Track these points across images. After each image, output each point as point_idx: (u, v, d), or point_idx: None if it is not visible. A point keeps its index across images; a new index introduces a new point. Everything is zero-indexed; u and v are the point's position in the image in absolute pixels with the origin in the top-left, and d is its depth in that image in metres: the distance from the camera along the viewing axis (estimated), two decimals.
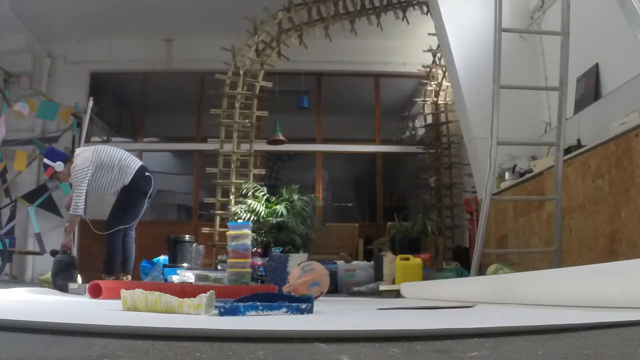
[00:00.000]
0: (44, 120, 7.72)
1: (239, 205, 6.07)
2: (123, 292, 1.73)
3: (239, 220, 6.05)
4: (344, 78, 8.87)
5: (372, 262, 5.40)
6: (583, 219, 3.57)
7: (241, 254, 3.89)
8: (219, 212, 6.33)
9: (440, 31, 6.18)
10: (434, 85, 7.88)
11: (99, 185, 4.26)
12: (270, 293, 1.97)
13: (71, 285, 3.61)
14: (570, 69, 3.66)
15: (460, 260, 5.77)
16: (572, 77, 4.35)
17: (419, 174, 8.15)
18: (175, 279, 4.24)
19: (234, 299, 1.69)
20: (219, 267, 5.64)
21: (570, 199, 3.71)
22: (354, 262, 5.69)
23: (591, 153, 3.52)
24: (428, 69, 7.82)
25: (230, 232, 3.97)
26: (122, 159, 4.29)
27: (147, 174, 4.34)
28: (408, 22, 6.97)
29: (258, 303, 1.55)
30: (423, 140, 8.22)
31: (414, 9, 6.90)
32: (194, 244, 5.69)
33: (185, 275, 4.27)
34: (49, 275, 4.11)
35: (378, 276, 4.90)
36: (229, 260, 3.94)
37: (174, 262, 5.34)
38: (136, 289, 1.71)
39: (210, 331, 1.04)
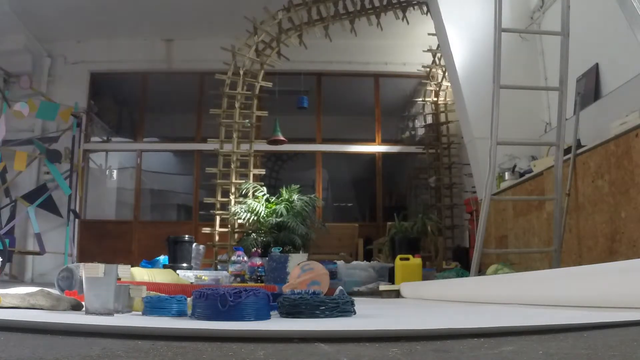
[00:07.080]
0: (43, 120, 7.72)
1: (239, 205, 6.07)
2: None
3: (239, 220, 6.06)
4: (344, 78, 8.87)
5: (372, 262, 5.40)
6: (583, 219, 3.57)
7: None
8: (219, 212, 6.33)
9: (440, 31, 6.18)
10: (434, 85, 7.88)
11: None
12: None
13: None
14: (570, 69, 3.66)
15: (460, 260, 5.78)
16: (572, 77, 4.35)
17: (418, 174, 8.15)
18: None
19: None
20: (219, 267, 5.65)
21: (570, 199, 3.70)
22: (354, 262, 5.68)
23: (591, 153, 3.52)
24: (428, 69, 7.82)
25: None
26: None
27: None
28: (408, 22, 6.97)
29: None
30: (423, 140, 8.22)
31: (414, 9, 6.89)
32: (194, 244, 5.69)
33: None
34: None
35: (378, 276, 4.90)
36: None
37: (174, 262, 5.33)
38: None
39: (211, 331, 1.04)
